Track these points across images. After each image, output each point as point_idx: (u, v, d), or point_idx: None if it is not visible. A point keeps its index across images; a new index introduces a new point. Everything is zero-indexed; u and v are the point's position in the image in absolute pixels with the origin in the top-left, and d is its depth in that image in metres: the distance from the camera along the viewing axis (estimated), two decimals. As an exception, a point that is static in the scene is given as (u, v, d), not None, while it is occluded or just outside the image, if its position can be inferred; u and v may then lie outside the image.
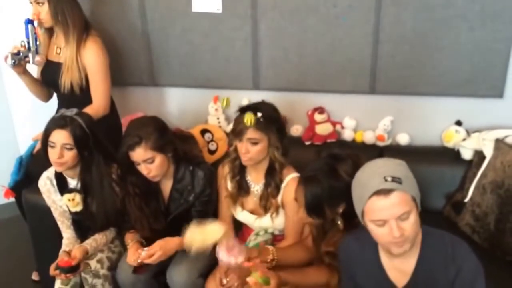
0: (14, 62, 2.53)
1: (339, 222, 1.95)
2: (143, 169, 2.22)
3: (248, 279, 1.90)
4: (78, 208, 2.40)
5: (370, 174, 1.65)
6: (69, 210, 2.43)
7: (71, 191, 2.38)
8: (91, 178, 2.36)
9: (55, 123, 2.26)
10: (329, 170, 1.92)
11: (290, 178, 2.23)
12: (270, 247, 2.14)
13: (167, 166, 2.29)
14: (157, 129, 2.23)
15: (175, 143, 2.32)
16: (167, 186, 2.39)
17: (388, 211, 1.58)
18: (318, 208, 1.91)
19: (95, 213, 2.39)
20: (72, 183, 2.41)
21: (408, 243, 1.64)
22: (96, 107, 2.65)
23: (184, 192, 2.35)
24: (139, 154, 2.18)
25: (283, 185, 2.24)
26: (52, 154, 2.26)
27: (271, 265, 2.08)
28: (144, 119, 2.39)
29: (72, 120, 2.25)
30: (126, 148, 2.19)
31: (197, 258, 2.31)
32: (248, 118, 2.09)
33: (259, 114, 2.11)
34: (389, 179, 1.58)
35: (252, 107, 2.16)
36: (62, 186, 2.42)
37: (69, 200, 2.38)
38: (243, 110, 2.16)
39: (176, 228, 2.38)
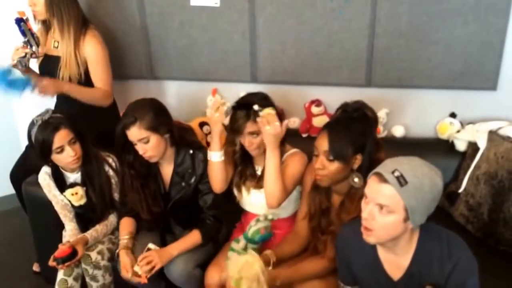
0: (24, 65, 2.51)
1: (356, 180, 2.00)
2: (140, 148, 2.27)
3: None
4: (82, 201, 2.43)
5: (397, 160, 1.67)
6: (72, 204, 2.45)
7: (73, 185, 2.41)
8: (90, 160, 2.40)
9: (50, 130, 2.25)
10: (347, 116, 2.05)
11: (288, 154, 2.30)
12: (269, 252, 2.16)
13: (164, 147, 2.32)
14: (153, 110, 2.26)
15: (171, 125, 2.34)
16: (168, 171, 2.42)
17: (372, 194, 1.64)
18: (343, 147, 1.98)
19: (96, 199, 2.43)
20: (72, 177, 2.44)
21: (374, 237, 1.67)
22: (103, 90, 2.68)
23: (185, 175, 2.39)
24: (134, 133, 2.23)
25: (282, 160, 2.26)
26: (66, 155, 2.30)
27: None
28: (142, 100, 2.39)
29: (56, 118, 2.28)
30: (122, 127, 2.24)
31: (194, 250, 2.35)
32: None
33: (256, 107, 2.14)
34: (396, 174, 1.59)
35: (246, 102, 2.19)
36: (60, 183, 2.44)
37: (72, 194, 2.40)
38: (237, 107, 2.20)
39: (177, 213, 2.42)
